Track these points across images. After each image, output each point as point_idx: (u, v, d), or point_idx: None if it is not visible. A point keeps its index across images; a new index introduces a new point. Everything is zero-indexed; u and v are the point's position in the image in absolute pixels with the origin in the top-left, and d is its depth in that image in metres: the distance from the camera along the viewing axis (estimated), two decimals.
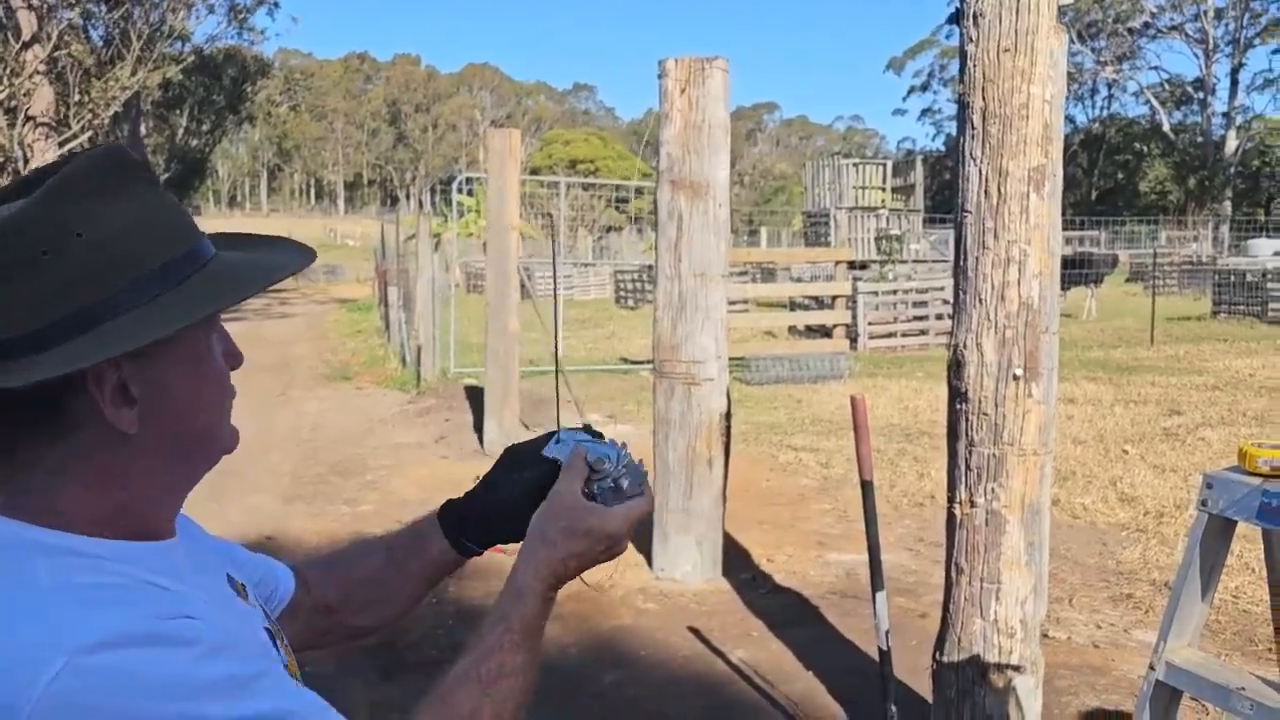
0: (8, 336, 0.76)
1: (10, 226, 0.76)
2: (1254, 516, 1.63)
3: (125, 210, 0.80)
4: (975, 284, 2.66)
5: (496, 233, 7.76)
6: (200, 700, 0.70)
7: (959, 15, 2.70)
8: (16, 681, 0.67)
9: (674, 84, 4.52)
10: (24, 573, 0.74)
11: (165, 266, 0.81)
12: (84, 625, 0.69)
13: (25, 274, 0.76)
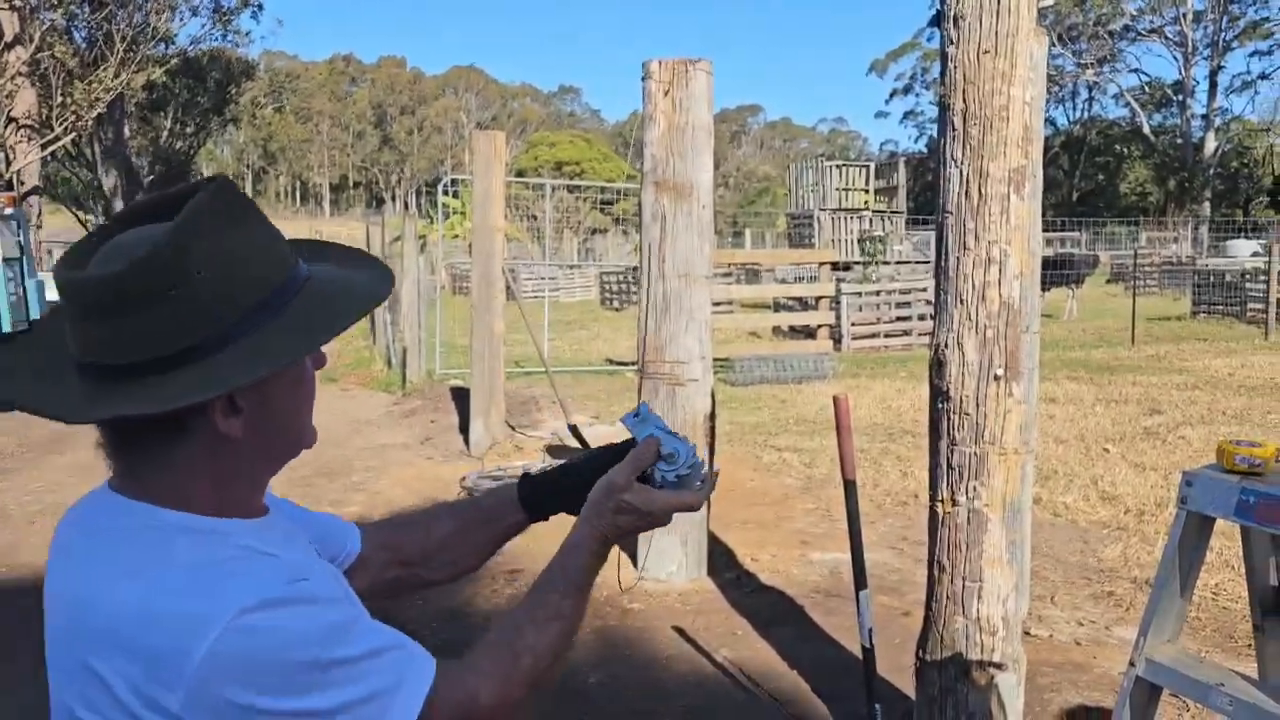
0: (138, 360, 0.88)
1: (145, 262, 0.86)
2: (1231, 513, 1.65)
3: (239, 245, 0.92)
4: (956, 284, 2.68)
5: (481, 235, 7.75)
6: (327, 646, 0.87)
7: (940, 18, 2.72)
8: (181, 646, 0.82)
9: (657, 86, 4.54)
10: (168, 548, 0.89)
11: (273, 294, 0.93)
12: (233, 595, 0.85)
13: (157, 306, 0.87)
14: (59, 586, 0.95)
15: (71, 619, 0.91)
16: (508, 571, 5.06)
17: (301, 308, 0.94)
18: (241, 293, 0.91)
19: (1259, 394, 10.01)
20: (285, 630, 0.85)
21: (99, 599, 0.88)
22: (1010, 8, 2.59)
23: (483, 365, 7.87)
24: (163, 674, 0.83)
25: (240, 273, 0.91)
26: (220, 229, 0.90)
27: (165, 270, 0.87)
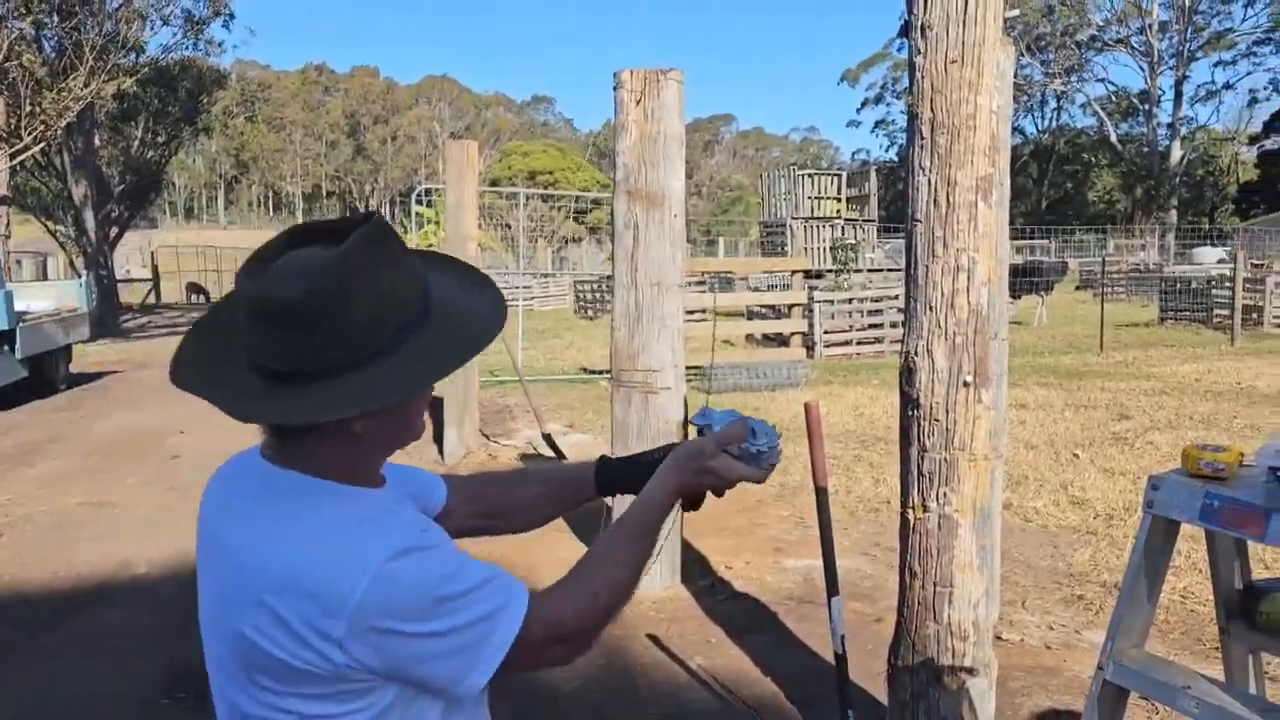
0: (304, 369, 1.08)
1: (319, 292, 1.05)
2: (1196, 517, 1.67)
3: (389, 275, 1.10)
4: (925, 292, 2.70)
5: (454, 244, 7.72)
6: (448, 582, 1.08)
7: (908, 28, 2.75)
8: (343, 589, 1.04)
9: (629, 95, 4.54)
10: (318, 508, 1.11)
11: (416, 315, 1.13)
12: (380, 546, 1.06)
13: (325, 326, 1.06)
14: (225, 537, 1.17)
15: (245, 564, 1.11)
16: None
17: (435, 330, 1.14)
18: (390, 316, 1.10)
19: (1225, 399, 10.14)
20: (418, 572, 1.07)
21: (271, 549, 1.09)
22: (977, 18, 2.62)
23: (456, 375, 7.83)
24: (330, 609, 1.04)
25: (390, 299, 1.10)
26: (376, 261, 1.09)
27: (333, 299, 1.06)
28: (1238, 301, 16.32)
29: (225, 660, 1.14)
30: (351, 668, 1.07)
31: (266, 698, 1.11)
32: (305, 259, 1.08)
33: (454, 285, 1.21)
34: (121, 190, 27.02)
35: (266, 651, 1.07)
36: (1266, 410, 9.43)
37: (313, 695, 1.09)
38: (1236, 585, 1.88)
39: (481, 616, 1.10)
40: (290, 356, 1.08)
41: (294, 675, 1.07)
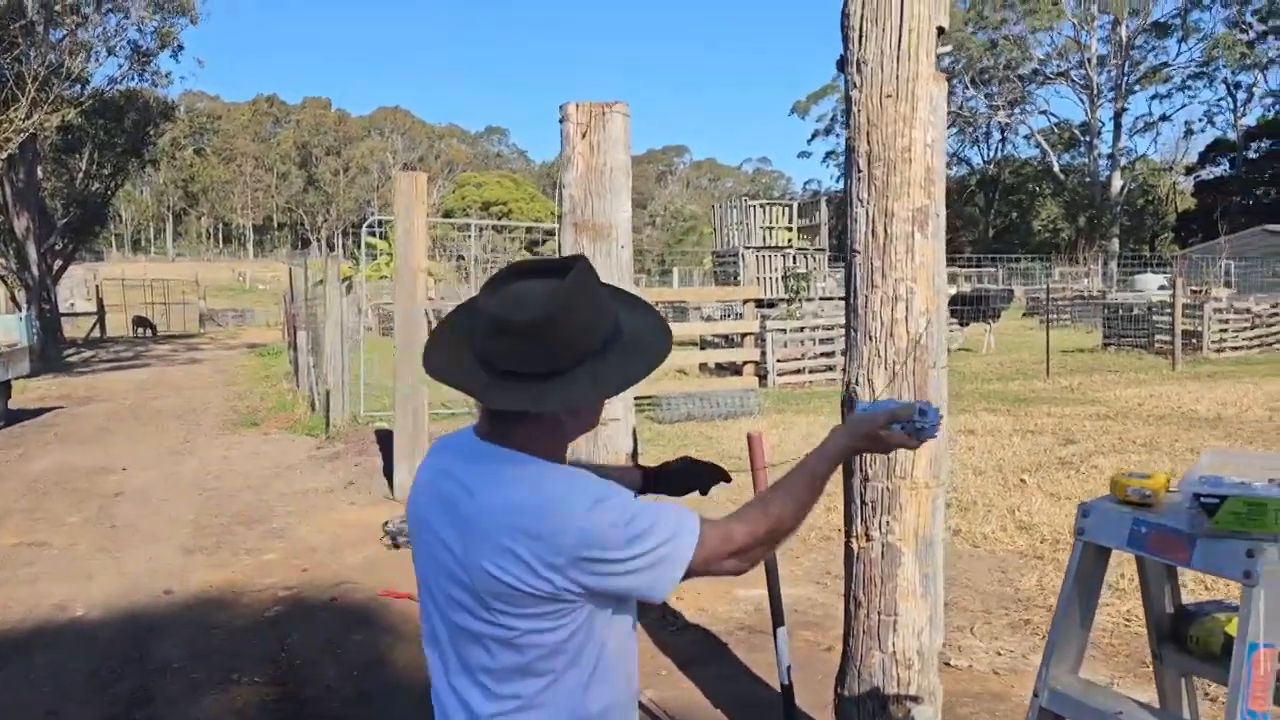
0: (529, 372, 1.44)
1: (545, 315, 1.40)
2: (1124, 544, 1.69)
3: (592, 305, 1.47)
4: (865, 321, 2.73)
5: (404, 276, 7.69)
6: (639, 521, 1.44)
7: (844, 63, 2.80)
8: (562, 528, 1.40)
9: (575, 128, 4.57)
10: (536, 474, 1.47)
11: (610, 333, 1.50)
12: (582, 497, 1.44)
13: (548, 342, 1.43)
14: (460, 500, 1.50)
15: (484, 519, 1.46)
16: None
17: (625, 350, 1.51)
18: (592, 337, 1.47)
19: (1167, 423, 10.35)
20: (612, 514, 1.43)
21: (505, 505, 1.45)
22: (910, 54, 2.67)
23: (406, 407, 7.76)
24: (554, 547, 1.41)
25: (593, 324, 1.47)
26: (584, 295, 1.45)
27: (554, 324, 1.41)
28: (1178, 327, 16.71)
29: (459, 592, 1.50)
30: (568, 590, 1.43)
31: (497, 618, 1.46)
32: (535, 290, 1.44)
33: (632, 313, 1.59)
34: (65, 223, 26.55)
35: (504, 582, 1.43)
36: (1206, 433, 9.64)
37: (533, 614, 1.44)
38: (1168, 609, 1.91)
39: (661, 542, 1.46)
40: (516, 361, 1.44)
41: (522, 598, 1.43)
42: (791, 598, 5.16)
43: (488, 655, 1.49)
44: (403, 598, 5.25)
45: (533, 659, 1.47)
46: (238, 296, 56.68)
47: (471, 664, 1.51)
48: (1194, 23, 57.41)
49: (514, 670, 1.48)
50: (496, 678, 1.49)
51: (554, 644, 1.47)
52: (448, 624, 1.54)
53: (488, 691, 1.50)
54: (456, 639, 1.53)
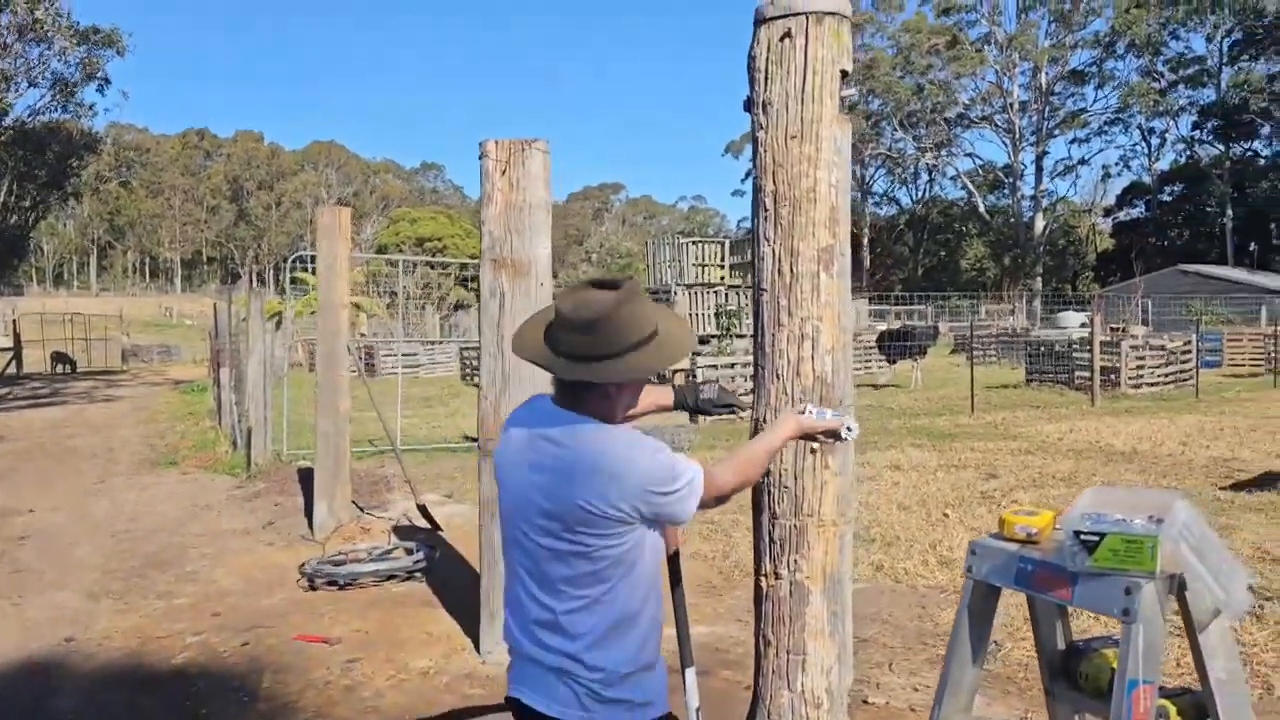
0: (587, 355, 1.98)
1: (601, 315, 1.96)
2: (1012, 582, 1.71)
3: (634, 311, 1.99)
4: (772, 360, 2.75)
5: (327, 311, 7.57)
6: (678, 467, 2.00)
7: (750, 103, 2.83)
8: (626, 470, 1.95)
9: (494, 165, 4.55)
10: (614, 433, 2.01)
11: (648, 335, 2.02)
12: (640, 448, 1.98)
13: (603, 333, 1.97)
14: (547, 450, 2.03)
15: (574, 464, 1.97)
16: (345, 661, 4.84)
17: (659, 345, 2.04)
18: (634, 333, 2.00)
19: (1085, 457, 10.59)
20: (662, 460, 1.99)
21: (588, 454, 1.97)
22: (814, 96, 2.71)
23: (328, 445, 7.61)
24: (627, 483, 1.94)
25: (635, 323, 2.00)
26: (629, 303, 1.99)
27: (607, 322, 1.96)
28: (1096, 364, 17.16)
29: (547, 521, 2.00)
30: (630, 515, 1.96)
31: (578, 538, 1.97)
32: (597, 297, 2.00)
33: (669, 321, 2.13)
34: None
35: (589, 511, 1.94)
36: (1122, 467, 9.88)
37: (605, 534, 1.97)
38: (1059, 645, 1.92)
39: (688, 481, 2.02)
40: (579, 346, 1.99)
41: (600, 522, 1.95)
42: (714, 635, 5.13)
43: (567, 567, 2.01)
44: (316, 641, 5.11)
45: (601, 567, 1.99)
46: (164, 332, 55.33)
47: (553, 575, 2.03)
48: (1109, 71, 59.81)
49: (586, 576, 2.00)
50: (573, 584, 2.01)
51: (617, 555, 1.99)
52: (534, 546, 2.05)
53: (564, 595, 2.02)
54: (542, 556, 2.04)
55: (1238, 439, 11.96)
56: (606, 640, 2.03)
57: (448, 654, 4.88)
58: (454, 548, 6.98)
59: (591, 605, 2.01)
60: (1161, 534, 1.50)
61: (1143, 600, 1.50)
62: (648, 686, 2.11)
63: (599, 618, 2.02)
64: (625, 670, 2.05)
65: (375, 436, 12.19)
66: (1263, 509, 7.63)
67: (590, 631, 2.02)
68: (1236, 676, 1.69)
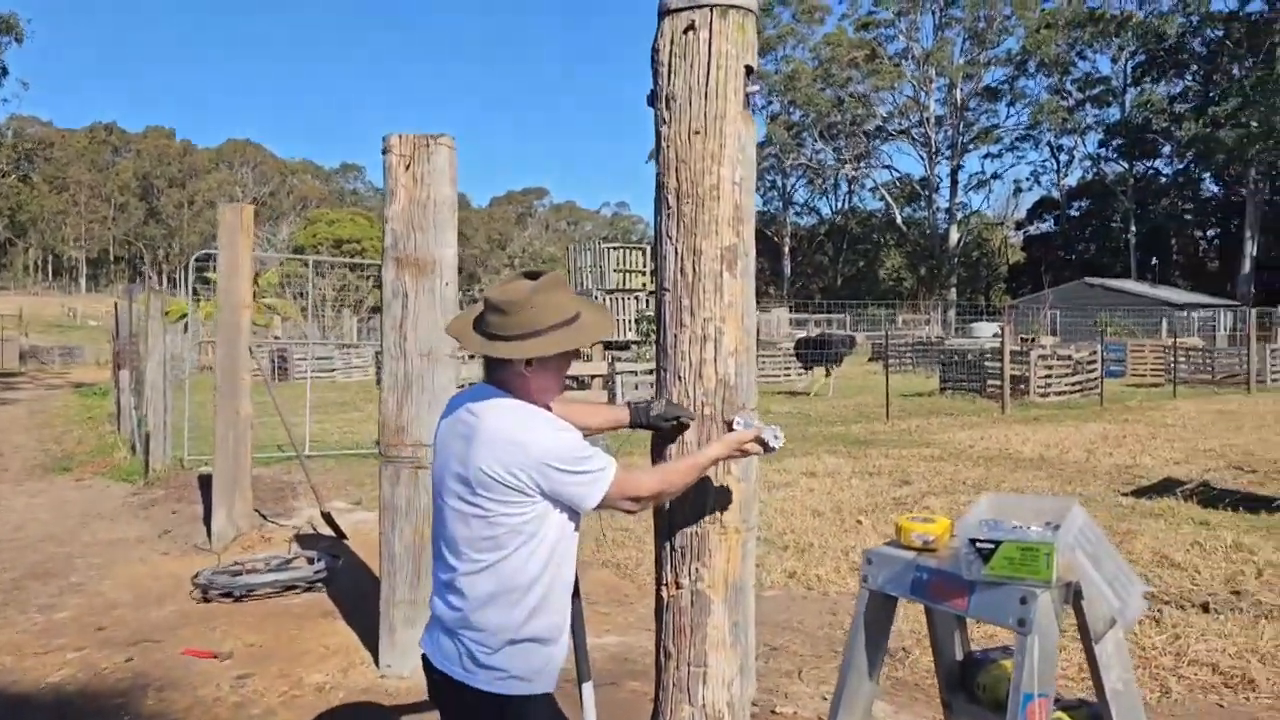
0: (503, 335, 2.22)
1: (516, 299, 2.21)
2: (908, 591, 1.64)
3: (549, 298, 2.22)
4: (674, 361, 2.66)
5: (227, 311, 7.28)
6: (585, 451, 2.19)
7: (654, 97, 2.74)
8: (531, 442, 2.14)
9: (398, 160, 4.40)
10: (526, 408, 2.22)
11: (559, 322, 2.23)
12: (549, 424, 2.21)
13: (518, 316, 2.20)
14: (471, 422, 2.19)
15: (486, 434, 2.13)
16: (236, 676, 4.61)
17: (569, 330, 2.23)
18: (547, 318, 2.20)
19: (995, 464, 10.78)
20: (568, 440, 2.16)
21: (499, 425, 2.14)
22: (718, 92, 2.63)
23: (227, 450, 7.31)
24: (527, 453, 2.11)
25: (548, 309, 2.20)
26: (549, 289, 2.21)
27: (522, 305, 2.18)
28: (1006, 373, 17.55)
29: (456, 484, 2.18)
30: (528, 486, 2.11)
31: (479, 501, 2.13)
32: (519, 285, 2.21)
33: (592, 311, 2.36)
34: None
35: (490, 475, 2.10)
36: (1031, 474, 10.07)
37: (503, 500, 2.11)
38: (956, 656, 1.86)
39: (596, 469, 2.17)
40: (496, 327, 2.20)
41: (499, 488, 2.11)
42: (624, 646, 5.03)
43: (468, 529, 2.16)
44: (206, 656, 4.86)
45: (499, 533, 2.13)
46: (67, 333, 53.23)
47: (457, 537, 2.19)
48: (1021, 89, 61.61)
49: (484, 540, 2.15)
50: (473, 546, 2.16)
51: (515, 524, 2.13)
52: (446, 509, 2.22)
53: (464, 557, 2.18)
54: (450, 517, 2.21)
55: (1139, 446, 12.32)
56: (493, 604, 2.17)
57: (345, 668, 4.69)
58: (358, 556, 6.76)
59: (485, 570, 2.16)
60: (1058, 541, 1.45)
61: (1038, 610, 1.44)
62: (529, 662, 2.21)
63: (490, 582, 2.16)
64: (506, 636, 2.18)
65: (284, 441, 11.83)
66: (1162, 514, 7.83)
67: (480, 594, 2.17)
68: (1131, 688, 1.65)
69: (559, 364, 2.32)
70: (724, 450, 2.41)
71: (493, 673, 2.19)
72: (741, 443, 2.41)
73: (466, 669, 2.20)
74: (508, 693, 2.20)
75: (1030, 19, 57.73)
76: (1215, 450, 11.85)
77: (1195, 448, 12.10)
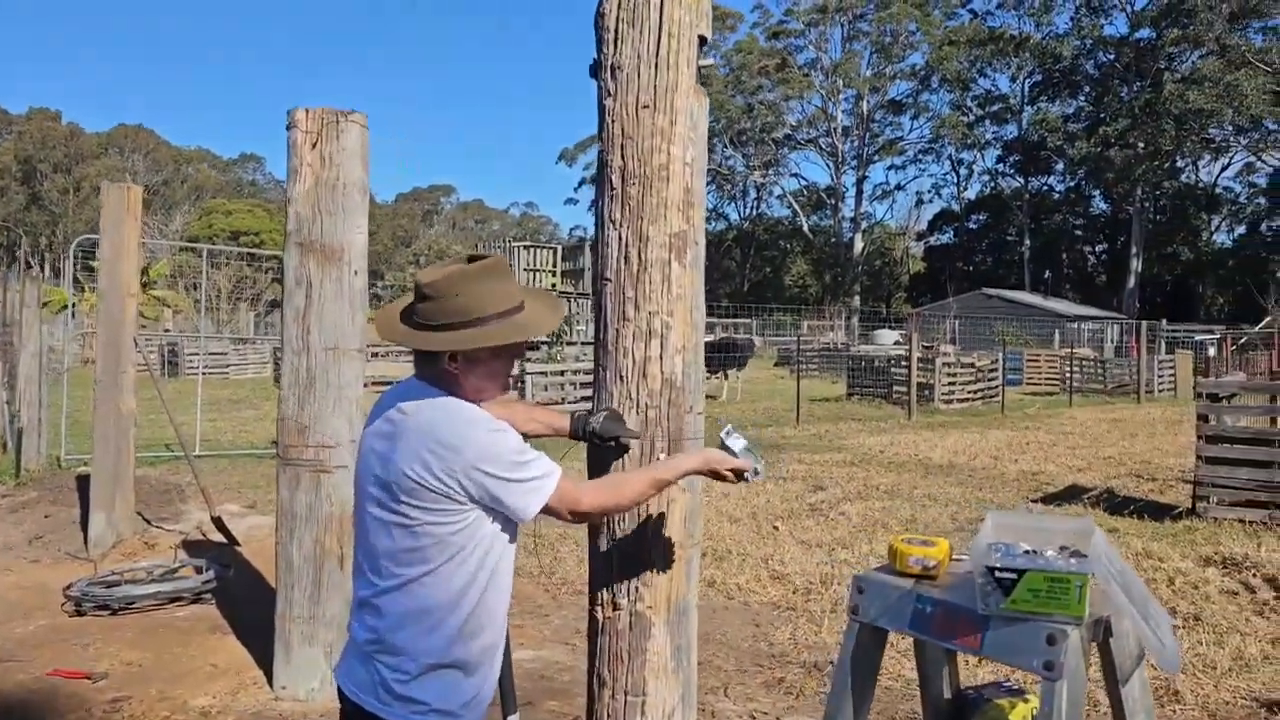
0: (429, 324, 1.98)
1: (441, 283, 1.97)
2: (907, 625, 1.43)
3: (482, 287, 1.99)
4: (616, 359, 2.41)
5: (110, 300, 6.74)
6: (524, 455, 1.95)
7: (597, 68, 2.49)
8: (461, 443, 1.91)
9: (304, 137, 4.04)
10: (458, 404, 1.97)
11: (492, 315, 1.99)
12: (482, 424, 1.95)
13: (441, 303, 1.97)
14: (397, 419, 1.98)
15: (412, 433, 1.93)
16: (111, 699, 4.18)
17: (503, 325, 1.99)
18: (479, 307, 1.97)
19: (905, 470, 10.81)
20: (504, 441, 1.94)
21: (426, 424, 1.93)
22: (669, 62, 2.40)
23: (108, 448, 6.77)
24: (456, 454, 1.89)
25: (481, 297, 1.98)
26: (478, 278, 1.99)
27: (451, 294, 1.97)
28: (913, 379, 17.77)
29: (377, 490, 1.96)
30: (458, 492, 1.89)
31: (402, 508, 1.91)
32: (450, 270, 1.99)
33: (537, 302, 2.10)
34: None
35: (413, 480, 1.89)
36: (941, 480, 10.11)
37: (430, 507, 1.90)
38: (945, 694, 1.66)
39: (534, 476, 1.94)
40: (423, 316, 1.98)
41: (424, 493, 1.89)
42: (540, 661, 4.74)
43: (390, 539, 1.94)
44: (77, 677, 4.40)
45: (424, 545, 1.91)
46: None
47: (378, 549, 1.97)
48: (924, 103, 63.08)
49: (407, 553, 1.92)
50: (394, 559, 1.93)
51: (442, 535, 1.91)
52: (366, 517, 2.00)
53: (384, 570, 1.95)
54: (371, 526, 1.98)
55: (1042, 453, 12.53)
56: (414, 624, 1.94)
57: (235, 689, 4.30)
58: (253, 566, 6.31)
59: (407, 585, 1.94)
60: (1090, 571, 1.25)
61: (1068, 651, 1.23)
62: (453, 695, 1.98)
63: (412, 599, 1.94)
64: (427, 661, 1.95)
65: (172, 440, 11.17)
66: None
67: (400, 612, 1.95)
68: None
69: (494, 361, 2.03)
70: (696, 465, 2.13)
71: (410, 705, 1.94)
72: (721, 465, 2.11)
73: (381, 700, 1.95)
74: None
75: (934, 36, 59.18)
76: (1114, 458, 12.13)
77: (1096, 455, 12.37)
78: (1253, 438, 7.97)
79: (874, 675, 1.54)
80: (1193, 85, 46.73)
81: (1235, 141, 51.69)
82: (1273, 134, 49.71)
